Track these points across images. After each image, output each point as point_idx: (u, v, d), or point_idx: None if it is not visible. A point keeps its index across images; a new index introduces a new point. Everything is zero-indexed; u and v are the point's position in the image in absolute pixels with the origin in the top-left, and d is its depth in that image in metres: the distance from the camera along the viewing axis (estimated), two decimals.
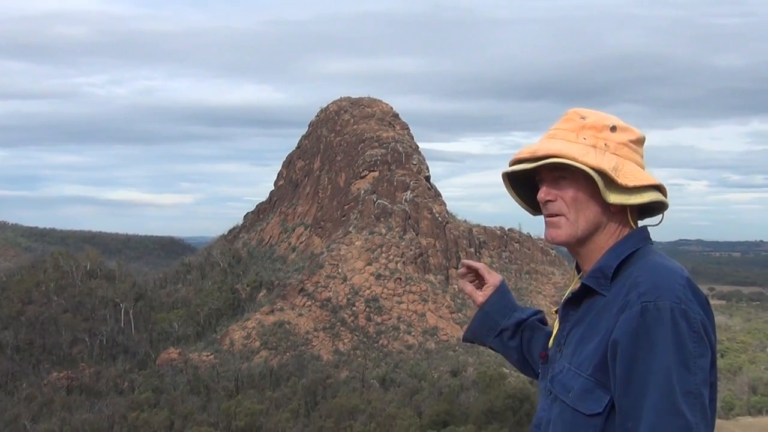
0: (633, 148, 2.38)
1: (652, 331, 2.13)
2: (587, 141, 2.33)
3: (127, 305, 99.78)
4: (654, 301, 2.15)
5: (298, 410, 63.55)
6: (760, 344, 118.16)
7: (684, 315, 2.15)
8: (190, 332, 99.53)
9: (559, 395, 2.31)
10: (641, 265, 2.30)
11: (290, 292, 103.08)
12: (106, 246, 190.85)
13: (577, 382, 2.27)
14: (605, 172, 2.27)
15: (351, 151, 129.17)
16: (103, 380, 76.97)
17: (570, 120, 2.40)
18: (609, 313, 2.26)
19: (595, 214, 2.35)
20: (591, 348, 2.27)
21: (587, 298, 2.37)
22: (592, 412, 2.22)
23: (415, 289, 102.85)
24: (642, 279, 2.21)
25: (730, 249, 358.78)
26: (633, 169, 2.33)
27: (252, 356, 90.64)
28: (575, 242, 2.40)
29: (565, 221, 2.36)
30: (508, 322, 2.82)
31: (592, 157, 2.29)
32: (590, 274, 2.36)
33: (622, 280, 2.29)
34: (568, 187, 2.35)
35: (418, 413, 59.42)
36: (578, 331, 2.36)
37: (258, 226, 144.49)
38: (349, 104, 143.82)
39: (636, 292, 2.19)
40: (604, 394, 2.21)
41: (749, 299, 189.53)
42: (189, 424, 58.16)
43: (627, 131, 2.39)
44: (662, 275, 2.23)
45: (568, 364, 2.33)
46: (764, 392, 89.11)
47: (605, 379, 2.21)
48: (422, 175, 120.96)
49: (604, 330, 2.24)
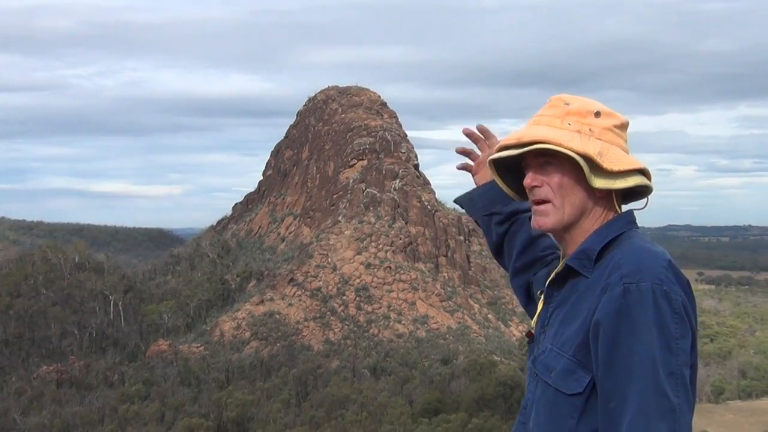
0: (617, 133, 2.39)
1: (634, 312, 2.14)
2: (572, 126, 2.35)
3: (117, 297, 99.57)
4: (636, 283, 2.16)
5: (289, 400, 63.60)
6: (750, 328, 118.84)
7: (666, 296, 2.16)
8: (180, 324, 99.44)
9: (542, 375, 2.34)
10: (624, 247, 2.31)
11: (280, 282, 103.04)
12: (95, 238, 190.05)
13: (558, 362, 2.29)
14: (590, 156, 2.29)
15: (339, 140, 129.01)
16: (93, 373, 76.79)
17: (554, 106, 2.42)
18: (591, 295, 2.27)
19: (580, 199, 2.37)
20: (573, 329, 2.28)
21: (570, 280, 2.39)
22: (572, 392, 2.24)
23: (405, 277, 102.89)
24: (624, 261, 2.23)
25: (719, 234, 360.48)
26: (618, 153, 2.34)
27: (242, 347, 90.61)
28: (561, 228, 2.41)
29: (552, 208, 2.38)
30: (504, 209, 2.90)
31: (577, 143, 2.31)
32: (574, 255, 2.38)
33: (605, 262, 2.30)
34: (553, 173, 2.36)
35: (410, 402, 59.57)
36: (561, 312, 2.39)
37: (247, 216, 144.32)
38: (336, 93, 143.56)
39: (618, 274, 2.20)
40: (585, 375, 2.23)
41: (738, 283, 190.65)
42: (180, 415, 58.15)
43: (611, 116, 2.40)
44: (644, 257, 2.24)
45: (551, 344, 2.36)
46: (754, 376, 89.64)
47: (586, 359, 2.23)
48: (411, 163, 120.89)
49: (586, 311, 2.26)
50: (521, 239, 2.85)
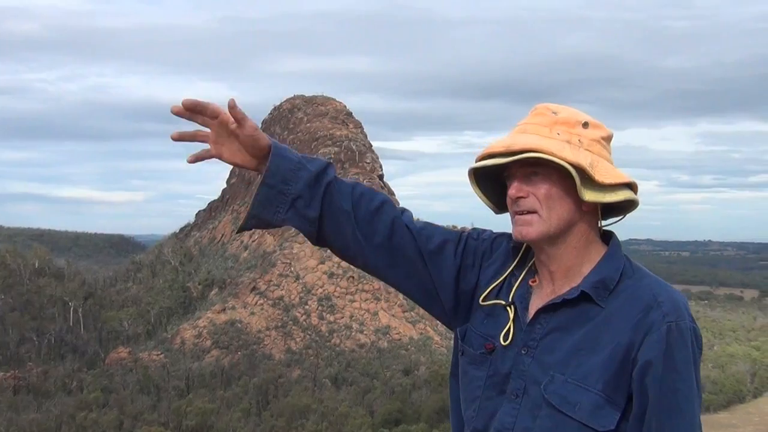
0: (604, 144, 2.31)
1: (676, 351, 2.12)
2: (561, 136, 2.25)
3: (76, 304, 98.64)
4: (676, 321, 2.13)
5: (250, 409, 63.32)
6: (708, 343, 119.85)
7: (695, 334, 2.16)
8: (140, 331, 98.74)
9: (560, 407, 2.19)
10: (650, 282, 2.26)
11: (242, 290, 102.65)
12: (55, 244, 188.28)
13: (584, 396, 2.17)
14: (583, 168, 2.19)
15: (304, 149, 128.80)
16: (51, 380, 75.96)
17: (541, 114, 2.31)
18: (615, 328, 2.18)
19: (567, 212, 2.26)
20: (597, 362, 2.18)
21: (572, 306, 2.26)
22: (605, 429, 2.15)
23: (368, 287, 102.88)
24: (663, 299, 2.17)
25: (680, 248, 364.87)
26: (607, 166, 2.27)
27: (203, 355, 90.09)
28: (546, 240, 2.29)
29: (537, 218, 2.25)
30: (297, 187, 2.39)
31: (569, 153, 2.20)
32: (591, 284, 2.25)
33: (624, 293, 2.23)
34: (541, 184, 2.24)
35: (371, 412, 59.54)
36: (566, 340, 2.25)
37: (210, 224, 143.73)
38: (302, 102, 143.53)
39: (660, 312, 2.15)
40: (615, 411, 2.15)
41: (698, 298, 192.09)
42: (139, 423, 57.68)
43: (598, 128, 2.32)
44: (676, 295, 2.21)
45: (561, 374, 2.21)
46: (712, 390, 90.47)
47: (614, 395, 2.15)
48: (375, 173, 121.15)
49: (612, 345, 2.17)
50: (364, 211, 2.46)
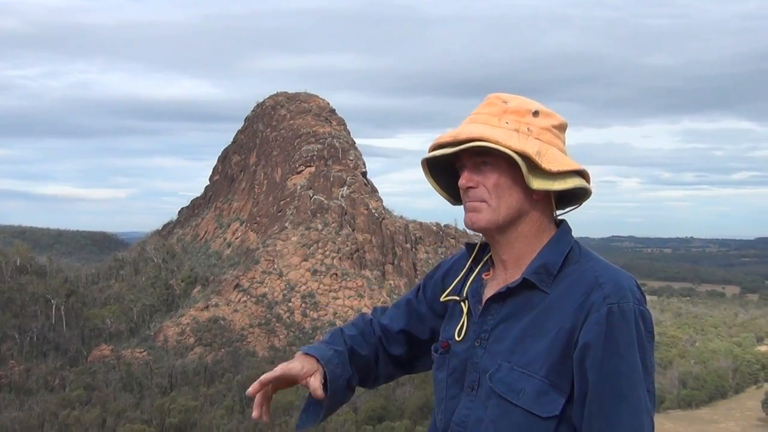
0: (555, 133, 2.31)
1: (618, 333, 2.10)
2: (510, 125, 2.25)
3: (59, 301, 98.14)
4: (618, 303, 2.12)
5: (233, 407, 63.17)
6: (690, 339, 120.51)
7: (642, 316, 2.15)
8: (123, 329, 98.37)
9: (505, 395, 2.19)
10: (594, 265, 2.25)
11: (225, 287, 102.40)
12: (37, 241, 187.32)
13: (528, 383, 2.17)
14: (529, 156, 2.19)
15: (287, 146, 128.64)
16: (33, 378, 75.63)
17: (491, 104, 2.32)
18: (559, 313, 2.19)
19: (517, 201, 2.26)
20: (541, 348, 2.18)
21: (519, 294, 2.27)
22: (549, 415, 2.14)
23: (351, 284, 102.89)
24: (604, 281, 2.16)
25: (662, 245, 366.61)
26: (556, 154, 2.26)
27: (186, 353, 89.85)
28: (495, 229, 2.30)
29: (486, 207, 2.26)
30: (345, 372, 2.52)
31: (516, 141, 2.21)
32: (533, 270, 2.26)
33: (569, 278, 2.23)
34: (490, 173, 2.25)
35: (354, 409, 59.50)
36: (513, 328, 2.26)
37: (193, 221, 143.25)
38: (285, 99, 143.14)
39: (600, 294, 2.14)
40: (559, 396, 2.14)
41: (680, 294, 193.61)
42: (121, 421, 57.49)
43: (549, 116, 2.32)
44: (620, 276, 2.19)
45: (507, 362, 2.22)
46: (694, 386, 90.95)
47: (559, 380, 2.15)
48: (359, 170, 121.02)
49: (555, 329, 2.17)
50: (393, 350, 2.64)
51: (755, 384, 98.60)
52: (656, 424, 1.99)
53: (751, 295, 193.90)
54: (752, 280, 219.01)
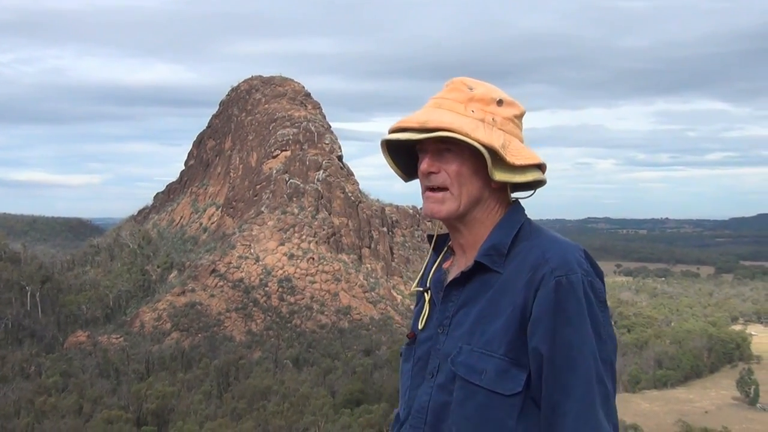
0: (516, 123, 2.33)
1: (567, 305, 2.14)
2: (475, 114, 2.27)
3: (34, 288, 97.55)
4: (565, 275, 2.15)
5: (211, 392, 63.15)
6: (666, 319, 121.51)
7: (591, 286, 2.17)
8: (99, 315, 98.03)
9: (467, 377, 2.22)
10: (542, 240, 2.28)
11: (202, 272, 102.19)
12: (11, 228, 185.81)
13: (489, 363, 2.20)
14: (495, 149, 2.21)
15: (262, 130, 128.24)
16: (8, 365, 75.12)
17: (457, 90, 2.33)
18: (512, 290, 2.22)
19: (477, 189, 2.30)
20: (498, 327, 2.21)
21: (476, 277, 2.31)
22: (512, 392, 2.17)
23: (328, 268, 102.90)
24: (550, 255, 2.20)
25: (637, 226, 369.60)
26: (519, 146, 2.29)
27: (163, 338, 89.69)
28: (455, 217, 2.33)
29: (449, 196, 2.29)
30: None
31: (482, 133, 2.23)
32: (483, 252, 2.30)
33: (519, 256, 2.26)
34: (452, 161, 2.28)
35: (332, 393, 59.62)
36: (472, 311, 2.29)
37: (168, 206, 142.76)
38: (260, 83, 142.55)
39: (548, 268, 2.17)
40: (521, 372, 2.17)
41: (655, 275, 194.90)
42: (98, 407, 57.24)
43: (512, 106, 2.34)
44: (567, 249, 2.22)
45: (467, 344, 2.25)
46: (669, 366, 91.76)
47: (519, 356, 2.18)
48: (334, 154, 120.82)
49: (510, 307, 2.20)
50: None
51: (730, 363, 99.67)
52: (632, 404, 2.00)
53: (725, 275, 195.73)
54: (726, 261, 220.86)
